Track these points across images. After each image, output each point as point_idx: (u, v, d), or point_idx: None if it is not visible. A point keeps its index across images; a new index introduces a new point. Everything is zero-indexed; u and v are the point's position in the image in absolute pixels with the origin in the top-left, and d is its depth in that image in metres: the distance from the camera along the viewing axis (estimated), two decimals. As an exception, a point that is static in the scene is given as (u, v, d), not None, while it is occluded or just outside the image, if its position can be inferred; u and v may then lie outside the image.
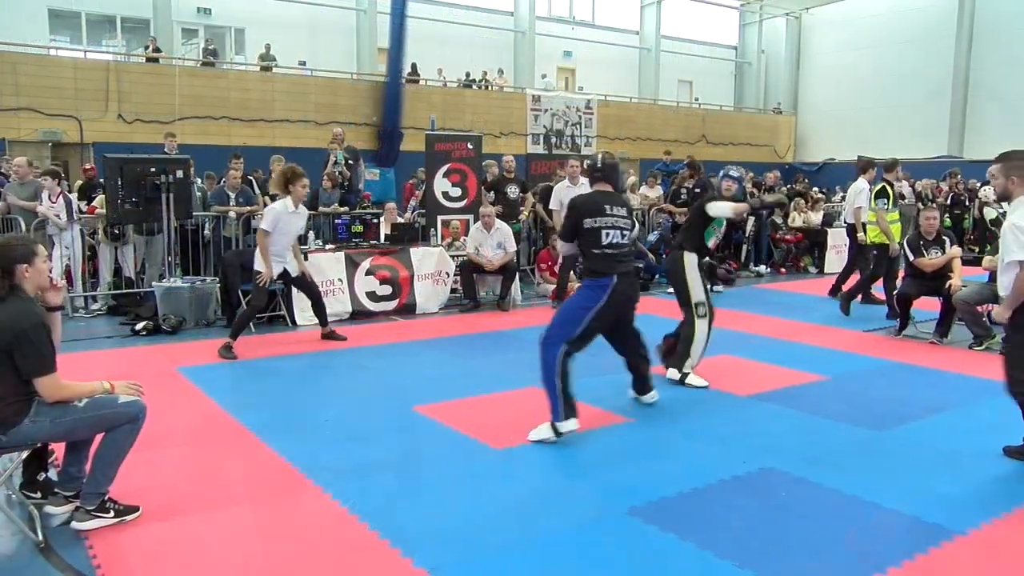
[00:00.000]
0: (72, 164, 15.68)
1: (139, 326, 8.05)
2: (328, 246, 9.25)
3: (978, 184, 15.53)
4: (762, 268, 13.56)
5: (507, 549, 3.42)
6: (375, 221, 9.80)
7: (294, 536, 3.55)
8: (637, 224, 5.43)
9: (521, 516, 3.75)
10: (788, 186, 15.66)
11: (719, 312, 6.39)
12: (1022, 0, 23.29)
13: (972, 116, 24.58)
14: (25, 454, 3.71)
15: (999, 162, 4.47)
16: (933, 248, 7.96)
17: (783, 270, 13.75)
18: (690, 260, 6.15)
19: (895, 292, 8.46)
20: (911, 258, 7.90)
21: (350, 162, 11.67)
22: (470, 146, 10.94)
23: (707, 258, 6.58)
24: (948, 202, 16.10)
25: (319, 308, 7.83)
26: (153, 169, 8.46)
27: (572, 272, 10.19)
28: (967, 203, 16.27)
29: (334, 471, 4.29)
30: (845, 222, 10.68)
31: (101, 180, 9.80)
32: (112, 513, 3.61)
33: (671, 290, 6.47)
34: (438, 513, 3.78)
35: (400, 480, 4.21)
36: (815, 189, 17.48)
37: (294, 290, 8.35)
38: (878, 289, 9.58)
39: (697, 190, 11.10)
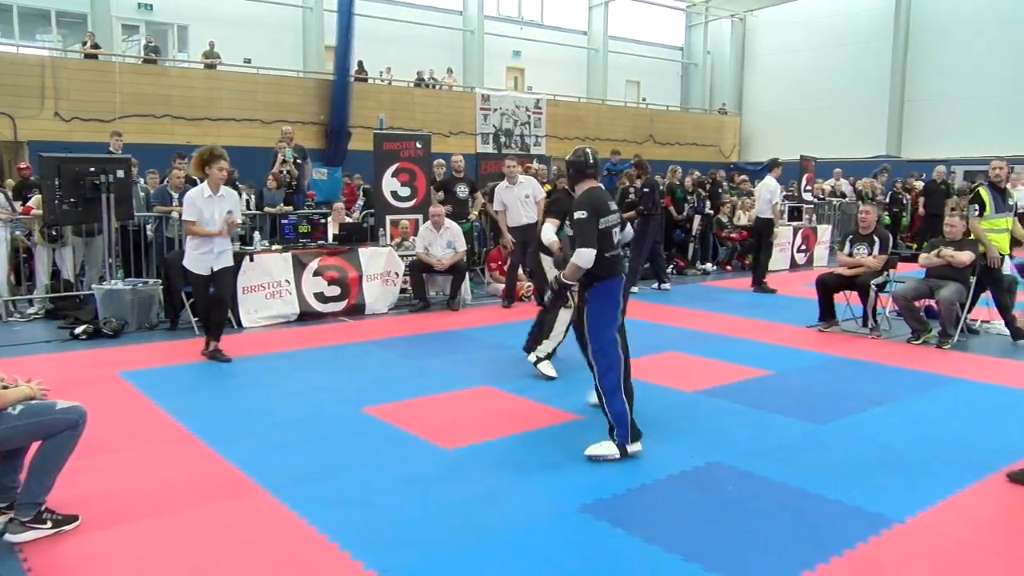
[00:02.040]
0: (5, 163, 15.16)
1: (79, 330, 7.83)
2: (275, 247, 9.11)
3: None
4: (708, 266, 13.80)
5: (459, 549, 3.41)
6: (323, 221, 9.69)
7: (242, 542, 3.48)
8: (629, 225, 5.28)
9: (472, 516, 3.75)
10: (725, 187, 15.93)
11: (665, 310, 6.46)
12: (954, 5, 24.09)
13: (908, 117, 25.34)
14: (-44, 465, 3.57)
15: None
16: (862, 244, 8.21)
17: (729, 268, 14.01)
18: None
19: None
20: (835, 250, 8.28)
21: (298, 161, 11.53)
22: (419, 145, 10.89)
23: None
24: (888, 200, 16.69)
25: (218, 318, 7.07)
26: (92, 169, 8.23)
27: (520, 270, 10.20)
28: (904, 201, 16.86)
29: (282, 475, 4.22)
30: (758, 216, 11.62)
31: (36, 179, 9.49)
32: (49, 524, 3.49)
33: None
34: (389, 515, 3.75)
35: (350, 482, 4.16)
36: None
37: (240, 291, 8.21)
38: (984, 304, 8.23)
39: (645, 189, 11.22)
